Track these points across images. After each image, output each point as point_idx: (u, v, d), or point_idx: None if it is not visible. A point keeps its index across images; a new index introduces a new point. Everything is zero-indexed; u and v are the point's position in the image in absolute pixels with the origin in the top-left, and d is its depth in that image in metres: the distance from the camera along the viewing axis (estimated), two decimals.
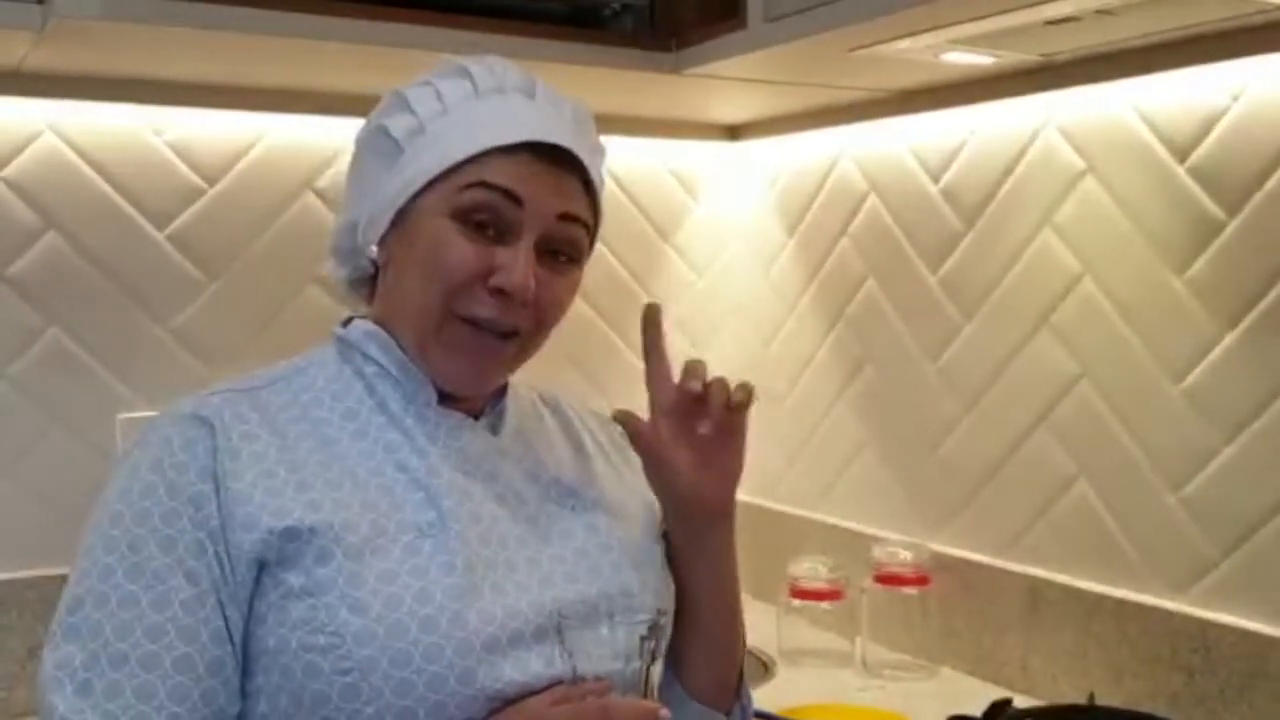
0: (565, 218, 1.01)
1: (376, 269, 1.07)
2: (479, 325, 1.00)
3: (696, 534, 1.09)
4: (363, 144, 1.07)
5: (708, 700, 1.10)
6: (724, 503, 1.08)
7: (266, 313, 1.79)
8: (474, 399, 1.07)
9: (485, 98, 1.03)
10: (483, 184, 0.99)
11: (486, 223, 0.99)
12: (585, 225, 1.04)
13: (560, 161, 1.01)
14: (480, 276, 0.99)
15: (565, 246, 1.03)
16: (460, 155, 0.99)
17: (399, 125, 1.03)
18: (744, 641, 1.15)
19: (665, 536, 1.12)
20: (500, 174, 0.99)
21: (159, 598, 0.91)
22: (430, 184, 1.00)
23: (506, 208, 0.99)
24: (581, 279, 1.07)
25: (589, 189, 1.05)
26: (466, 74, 1.04)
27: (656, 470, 1.06)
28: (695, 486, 1.06)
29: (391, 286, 1.05)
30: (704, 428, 1.04)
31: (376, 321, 1.06)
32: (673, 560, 1.11)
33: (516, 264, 0.99)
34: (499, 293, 0.99)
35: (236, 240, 1.77)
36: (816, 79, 1.70)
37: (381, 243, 1.04)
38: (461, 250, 0.99)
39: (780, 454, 2.10)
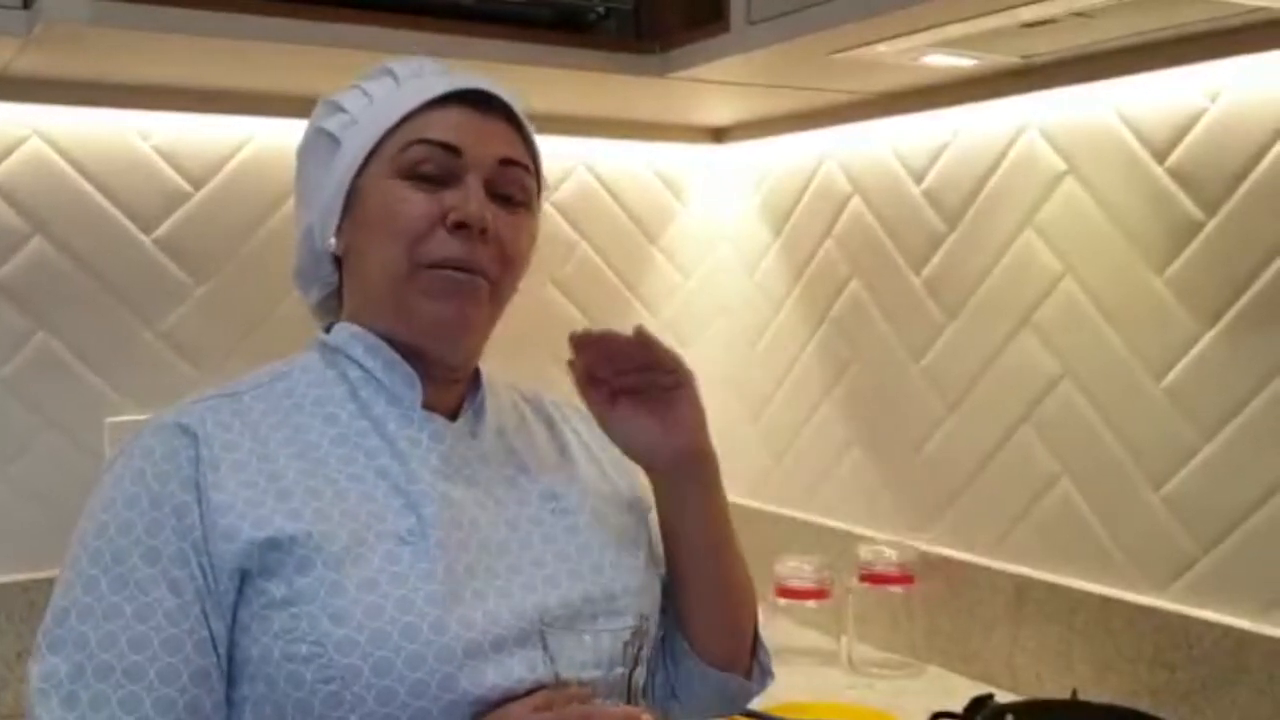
0: (506, 162, 1.04)
1: (341, 276, 1.07)
2: (450, 267, 1.01)
3: (677, 488, 1.10)
4: (304, 151, 1.09)
5: (724, 665, 1.11)
6: (692, 446, 1.09)
7: (255, 316, 1.79)
8: (452, 396, 1.07)
9: (405, 83, 1.06)
10: (420, 141, 1.01)
11: (431, 173, 1.01)
12: (527, 168, 1.06)
13: (492, 111, 1.04)
14: (437, 219, 1.00)
15: (513, 189, 1.05)
16: (397, 117, 1.02)
17: (333, 123, 1.05)
18: (753, 601, 1.16)
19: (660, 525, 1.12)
20: (435, 129, 1.02)
21: (143, 609, 0.91)
22: (370, 158, 1.02)
23: (447, 159, 1.01)
24: (538, 228, 1.09)
25: (525, 138, 1.07)
26: (388, 71, 1.07)
27: (615, 434, 1.09)
28: (657, 438, 1.07)
29: (357, 267, 1.05)
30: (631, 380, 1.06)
31: (353, 321, 1.06)
32: (664, 527, 1.12)
33: (469, 198, 1.00)
34: (459, 228, 1.00)
35: (224, 243, 1.77)
36: (799, 82, 1.71)
37: (338, 234, 1.05)
38: (413, 201, 1.01)
39: (766, 454, 2.11)
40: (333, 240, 1.05)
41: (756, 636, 1.16)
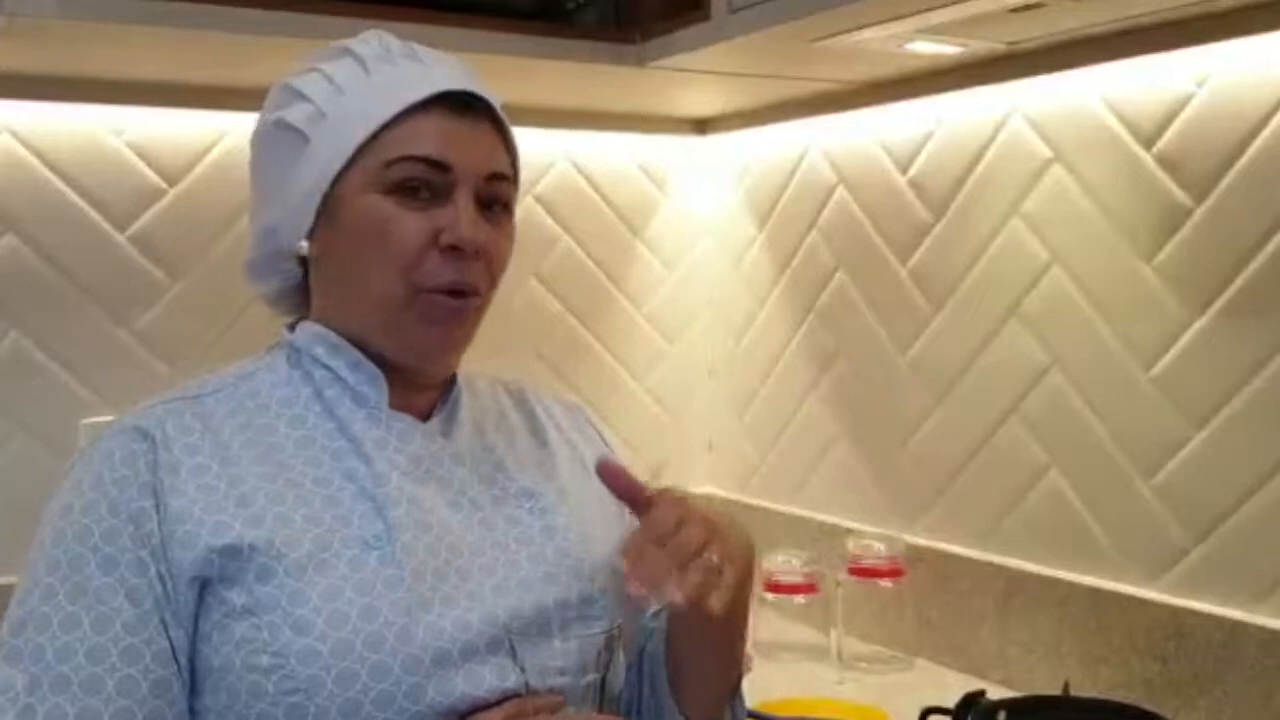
0: (493, 178, 1.01)
1: (305, 271, 1.04)
2: (447, 292, 0.98)
3: (701, 634, 1.02)
4: (261, 143, 1.04)
5: (697, 717, 1.07)
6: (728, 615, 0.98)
7: (230, 314, 1.77)
8: (424, 399, 1.05)
9: (376, 70, 1.01)
10: (408, 158, 0.97)
11: (419, 190, 0.98)
12: (510, 178, 1.04)
13: (471, 112, 1.00)
14: (430, 240, 0.97)
15: (496, 200, 1.02)
16: (376, 124, 0.97)
17: (297, 115, 1.00)
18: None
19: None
20: (422, 142, 0.97)
21: (101, 619, 0.89)
22: (350, 164, 0.98)
23: (436, 176, 0.98)
24: (515, 226, 1.06)
25: (503, 137, 1.04)
26: (348, 52, 1.02)
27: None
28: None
29: (336, 279, 1.02)
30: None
31: (320, 321, 1.03)
32: (677, 641, 1.05)
33: (461, 218, 0.97)
34: (452, 250, 0.97)
35: (199, 241, 1.75)
36: (781, 71, 1.69)
37: (310, 237, 1.01)
38: (405, 222, 0.97)
39: (753, 447, 2.09)
40: (304, 244, 1.01)
41: (738, 687, 1.10)
